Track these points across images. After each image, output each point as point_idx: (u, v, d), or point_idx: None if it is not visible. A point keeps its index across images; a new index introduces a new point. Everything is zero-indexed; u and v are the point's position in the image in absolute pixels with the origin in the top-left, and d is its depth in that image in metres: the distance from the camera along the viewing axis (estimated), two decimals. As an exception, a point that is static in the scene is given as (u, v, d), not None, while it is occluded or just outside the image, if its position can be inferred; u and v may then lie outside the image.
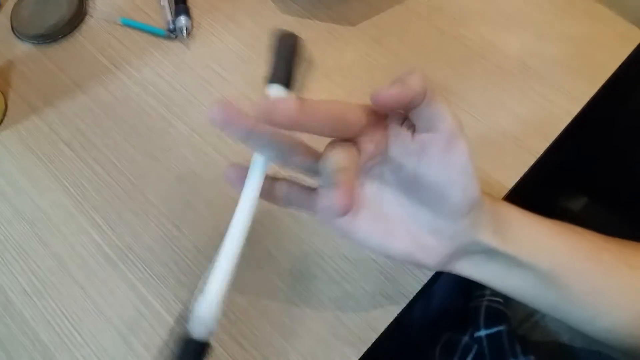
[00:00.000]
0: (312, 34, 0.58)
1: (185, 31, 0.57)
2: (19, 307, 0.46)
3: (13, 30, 0.59)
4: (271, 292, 0.45)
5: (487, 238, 0.34)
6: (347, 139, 0.32)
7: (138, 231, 0.48)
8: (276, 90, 0.37)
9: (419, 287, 0.45)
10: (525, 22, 0.58)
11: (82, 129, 0.54)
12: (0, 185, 0.51)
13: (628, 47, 0.55)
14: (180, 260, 0.47)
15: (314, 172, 0.33)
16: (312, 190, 0.35)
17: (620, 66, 0.54)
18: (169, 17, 0.59)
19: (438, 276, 0.46)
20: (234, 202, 0.49)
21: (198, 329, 0.31)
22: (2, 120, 0.54)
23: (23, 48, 0.59)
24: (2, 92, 0.55)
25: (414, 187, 0.33)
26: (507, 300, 0.54)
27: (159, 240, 0.48)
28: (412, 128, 0.32)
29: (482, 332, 0.51)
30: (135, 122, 0.54)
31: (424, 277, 0.45)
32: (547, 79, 0.54)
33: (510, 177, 0.49)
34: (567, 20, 0.58)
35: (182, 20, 0.58)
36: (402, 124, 0.33)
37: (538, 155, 0.50)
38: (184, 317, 0.35)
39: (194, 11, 0.60)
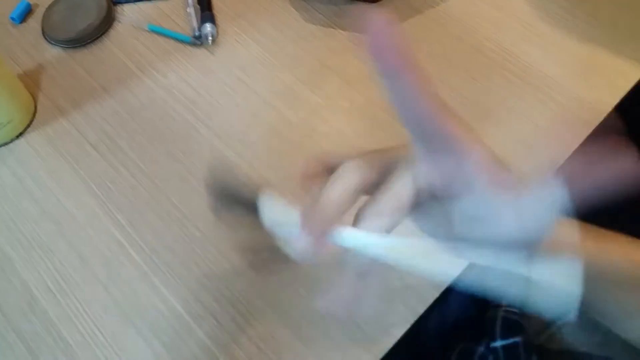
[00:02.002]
0: (335, 43, 0.59)
1: (210, 38, 0.59)
2: (44, 305, 0.47)
3: (44, 35, 0.61)
4: (291, 297, 0.46)
5: None
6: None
7: (161, 233, 0.49)
8: None
9: (437, 294, 0.45)
10: (543, 33, 0.58)
11: (109, 131, 0.55)
12: (27, 185, 0.52)
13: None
14: (202, 262, 0.48)
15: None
16: None
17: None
18: (195, 24, 0.60)
19: (449, 290, 0.46)
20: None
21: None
22: (31, 122, 0.56)
23: (53, 52, 0.60)
24: (32, 95, 0.57)
25: None
26: (524, 311, 0.54)
27: (181, 242, 0.49)
28: None
29: (498, 343, 0.51)
30: (160, 126, 0.55)
31: (441, 285, 0.45)
32: (566, 89, 0.54)
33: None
34: (587, 32, 0.58)
35: (208, 27, 0.59)
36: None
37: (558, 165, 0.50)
38: None
39: (219, 19, 0.61)
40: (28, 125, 0.56)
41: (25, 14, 0.63)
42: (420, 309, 0.44)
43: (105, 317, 0.46)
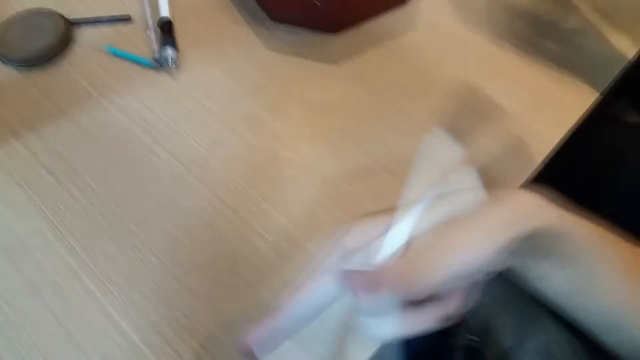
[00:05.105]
0: (297, 71, 0.60)
1: (171, 62, 0.58)
2: (-13, 336, 0.44)
3: (-4, 54, 0.59)
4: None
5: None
6: None
7: (116, 259, 0.48)
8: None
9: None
10: (498, 66, 0.61)
11: (63, 154, 0.53)
12: (-26, 209, 0.50)
13: (595, 91, 0.59)
14: (159, 290, 0.46)
15: None
16: None
17: (588, 110, 0.58)
18: (155, 47, 0.60)
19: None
20: (213, 232, 0.49)
21: None
22: (-21, 143, 0.53)
23: (6, 72, 0.58)
24: (-19, 115, 0.55)
25: None
26: (484, 338, 0.55)
27: (137, 268, 0.47)
28: None
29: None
30: (117, 150, 0.54)
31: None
32: (519, 120, 0.57)
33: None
34: (538, 67, 0.61)
35: (169, 50, 0.59)
36: None
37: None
38: None
39: (180, 43, 0.61)
40: (-24, 147, 0.53)
41: (-23, 31, 0.61)
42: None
43: (55, 349, 0.44)
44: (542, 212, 0.33)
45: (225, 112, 0.57)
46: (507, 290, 0.63)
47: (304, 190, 0.52)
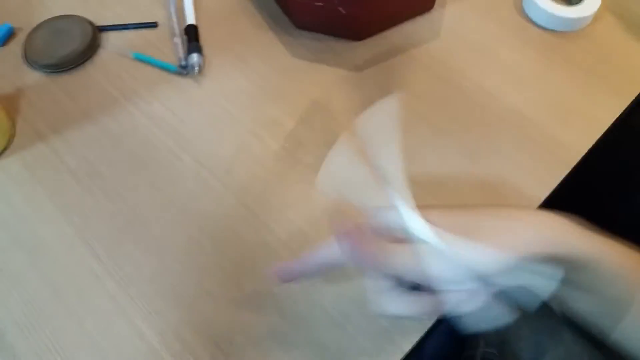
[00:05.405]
0: (320, 77, 0.60)
1: (197, 68, 0.59)
2: (9, 340, 0.44)
3: (25, 59, 0.60)
4: (274, 334, 0.44)
5: None
6: None
7: (139, 264, 0.48)
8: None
9: (418, 337, 0.44)
10: (522, 76, 0.60)
11: (89, 158, 0.54)
12: (0, 211, 0.50)
13: (623, 102, 0.58)
14: (181, 296, 0.46)
15: None
16: None
17: (615, 121, 0.57)
18: (181, 54, 0.60)
19: (435, 327, 0.45)
20: (236, 238, 0.49)
21: None
22: (7, 146, 0.54)
23: (34, 76, 0.59)
24: (11, 119, 0.55)
25: None
26: (502, 350, 0.54)
27: (160, 274, 0.47)
28: None
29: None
30: (142, 154, 0.54)
31: (423, 327, 0.45)
32: (544, 130, 0.56)
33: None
34: (564, 77, 0.60)
35: (195, 57, 0.59)
36: None
37: (539, 203, 0.51)
38: None
39: (205, 49, 0.62)
40: (5, 149, 0.54)
41: (7, 37, 0.62)
42: (401, 352, 0.44)
43: (77, 353, 0.44)
44: (567, 236, 0.33)
45: (249, 118, 0.57)
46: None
47: (326, 197, 0.52)
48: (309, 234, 0.49)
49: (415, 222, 0.33)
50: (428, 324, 0.45)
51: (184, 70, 0.59)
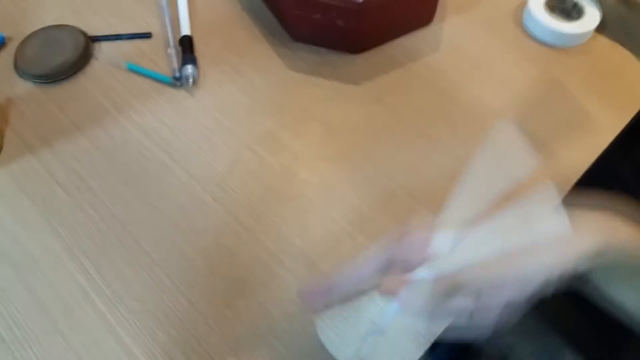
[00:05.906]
0: (318, 91, 0.59)
1: (191, 80, 0.58)
2: (-6, 357, 0.43)
3: (15, 69, 0.59)
4: (266, 352, 0.43)
5: None
6: None
7: (129, 280, 0.46)
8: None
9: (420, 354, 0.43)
10: (521, 91, 0.60)
11: (79, 171, 0.52)
12: (-14, 225, 0.49)
13: (623, 118, 0.57)
14: (171, 313, 0.45)
15: None
16: None
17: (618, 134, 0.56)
18: (175, 65, 0.59)
19: (435, 345, 0.44)
20: (229, 255, 0.48)
21: None
22: (-5, 158, 0.53)
23: (25, 87, 0.58)
24: (-2, 130, 0.54)
25: None
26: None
27: (150, 291, 0.46)
28: None
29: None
30: (133, 168, 0.53)
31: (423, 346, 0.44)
32: (544, 146, 0.55)
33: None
34: (563, 89, 0.60)
35: (189, 69, 0.58)
36: None
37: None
38: None
39: (200, 60, 0.61)
40: (-8, 161, 0.53)
41: (-2, 46, 0.61)
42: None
43: (62, 372, 0.42)
44: (615, 232, 0.34)
45: (243, 132, 0.56)
46: (527, 320, 0.61)
47: (322, 212, 0.51)
48: (304, 249, 0.48)
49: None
50: (427, 343, 0.43)
51: (177, 81, 0.58)
